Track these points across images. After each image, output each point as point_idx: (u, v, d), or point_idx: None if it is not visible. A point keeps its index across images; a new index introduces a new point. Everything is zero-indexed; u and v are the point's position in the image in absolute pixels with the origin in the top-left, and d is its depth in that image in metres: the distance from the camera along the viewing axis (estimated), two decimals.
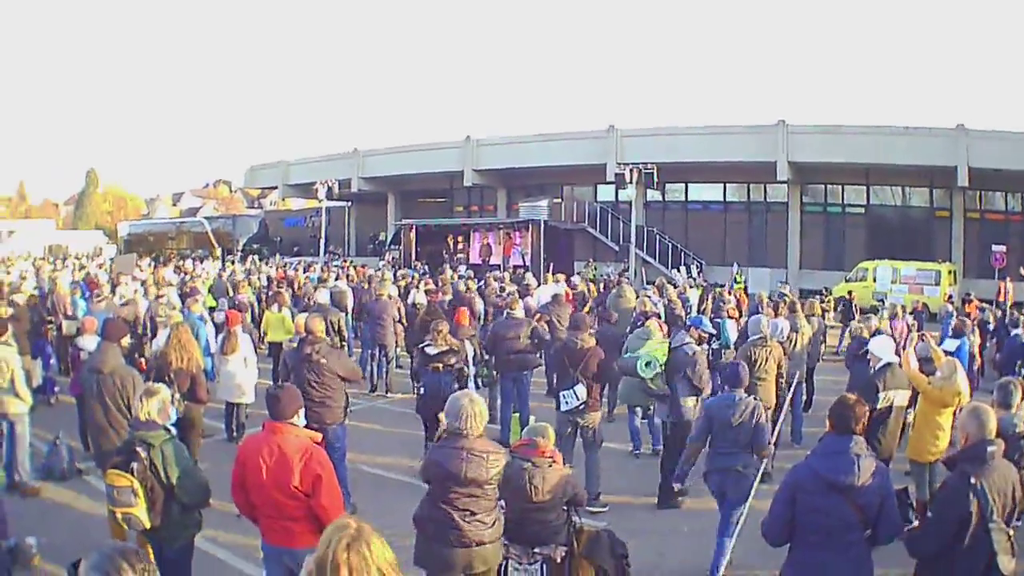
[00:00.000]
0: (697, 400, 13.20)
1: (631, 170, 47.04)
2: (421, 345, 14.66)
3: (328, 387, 12.37)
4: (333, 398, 12.45)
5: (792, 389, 15.70)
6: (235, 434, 16.33)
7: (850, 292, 35.58)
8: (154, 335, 17.21)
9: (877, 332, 16.77)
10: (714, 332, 15.95)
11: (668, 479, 12.63)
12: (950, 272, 42.21)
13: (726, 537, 10.43)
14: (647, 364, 13.71)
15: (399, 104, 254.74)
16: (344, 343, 20.80)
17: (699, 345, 13.77)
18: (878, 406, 11.43)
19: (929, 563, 7.15)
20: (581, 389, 13.00)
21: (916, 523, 11.13)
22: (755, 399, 10.83)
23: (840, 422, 7.11)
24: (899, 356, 13.04)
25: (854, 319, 28.33)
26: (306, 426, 7.67)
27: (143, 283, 28.13)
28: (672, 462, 12.82)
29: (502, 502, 8.05)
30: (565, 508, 8.54)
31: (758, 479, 10.49)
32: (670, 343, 13.84)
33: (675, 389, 13.35)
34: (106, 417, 10.58)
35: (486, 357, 17.04)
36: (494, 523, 7.75)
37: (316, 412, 11.55)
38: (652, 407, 15.35)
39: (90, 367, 11.15)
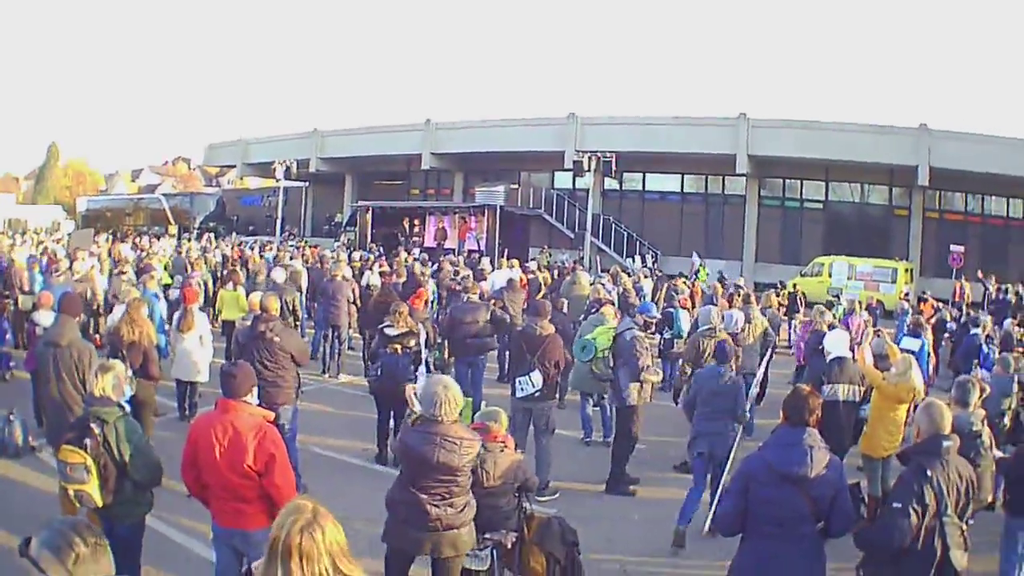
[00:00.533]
0: (640, 386, 13.34)
1: (589, 158, 47.01)
2: (380, 326, 14.57)
3: (280, 367, 12.39)
4: (285, 378, 12.46)
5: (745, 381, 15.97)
6: (187, 413, 16.23)
7: (795, 285, 35.93)
8: (110, 311, 17.18)
9: (831, 327, 16.86)
10: (659, 317, 16.04)
11: (619, 465, 12.74)
12: (907, 270, 42.61)
13: (703, 491, 11.41)
14: (582, 348, 13.98)
15: (360, 86, 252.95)
16: (298, 323, 20.82)
17: (644, 331, 13.94)
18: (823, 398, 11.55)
19: (879, 557, 7.22)
20: (537, 376, 13.03)
21: (866, 517, 11.36)
22: (738, 375, 12.35)
23: (793, 414, 7.18)
24: (854, 351, 13.23)
25: (799, 312, 28.64)
26: (258, 405, 7.68)
27: (99, 258, 28.00)
28: (619, 447, 12.98)
29: None
30: (516, 494, 8.62)
31: (738, 440, 11.51)
32: (616, 329, 14.03)
33: (618, 375, 13.54)
34: (60, 392, 10.42)
35: (439, 340, 17.09)
36: (464, 508, 7.71)
37: (268, 392, 11.41)
38: (605, 395, 15.48)
39: (46, 340, 10.99)
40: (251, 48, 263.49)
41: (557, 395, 15.67)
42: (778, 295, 27.27)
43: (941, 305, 30.19)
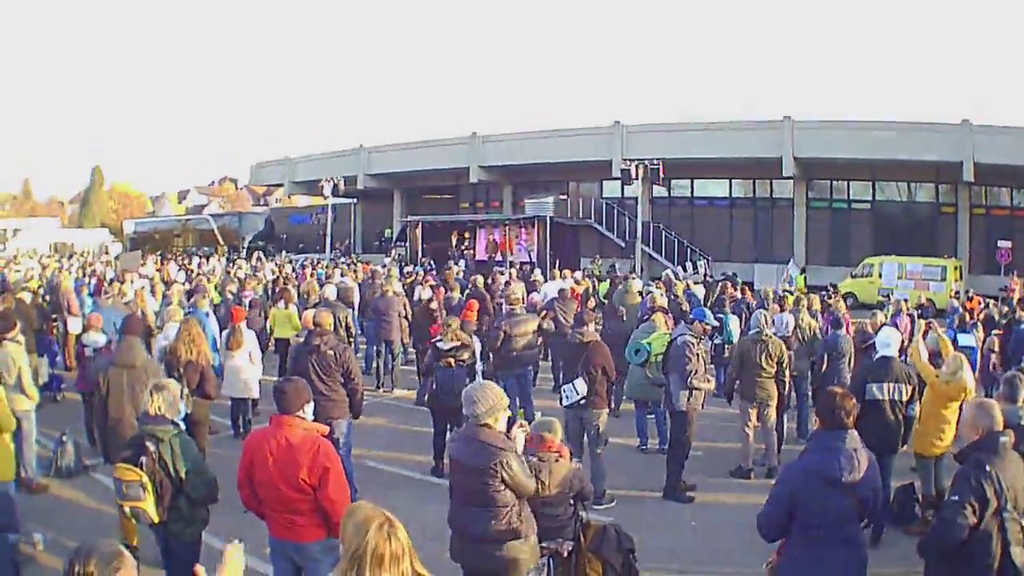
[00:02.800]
0: (691, 393, 13.04)
1: (636, 166, 46.91)
2: (433, 340, 14.64)
3: (335, 380, 12.41)
4: (339, 392, 12.47)
5: (797, 384, 16.01)
6: (242, 431, 16.32)
7: (833, 285, 35.64)
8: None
9: (883, 326, 16.71)
10: (717, 325, 15.83)
11: (674, 472, 12.63)
12: (956, 268, 41.93)
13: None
14: (636, 351, 13.89)
15: (405, 101, 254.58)
16: (351, 339, 20.74)
17: (700, 338, 13.64)
18: (867, 398, 11.41)
19: (942, 557, 7.11)
20: (581, 384, 12.95)
21: (921, 517, 11.19)
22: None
23: (830, 417, 7.10)
24: (905, 351, 13.12)
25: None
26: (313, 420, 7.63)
27: (150, 280, 28.16)
28: (674, 454, 12.88)
29: None
30: (572, 503, 8.55)
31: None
32: (671, 335, 13.90)
33: (669, 381, 13.36)
34: (133, 412, 10.24)
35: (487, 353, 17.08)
36: (506, 519, 7.50)
37: (323, 406, 11.28)
38: (660, 402, 15.38)
39: (118, 362, 11.04)
40: (294, 67, 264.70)
41: (610, 403, 15.58)
42: (830, 297, 27.12)
43: (991, 302, 29.78)
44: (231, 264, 43.73)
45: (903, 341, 16.38)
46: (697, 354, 13.10)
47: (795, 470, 7.17)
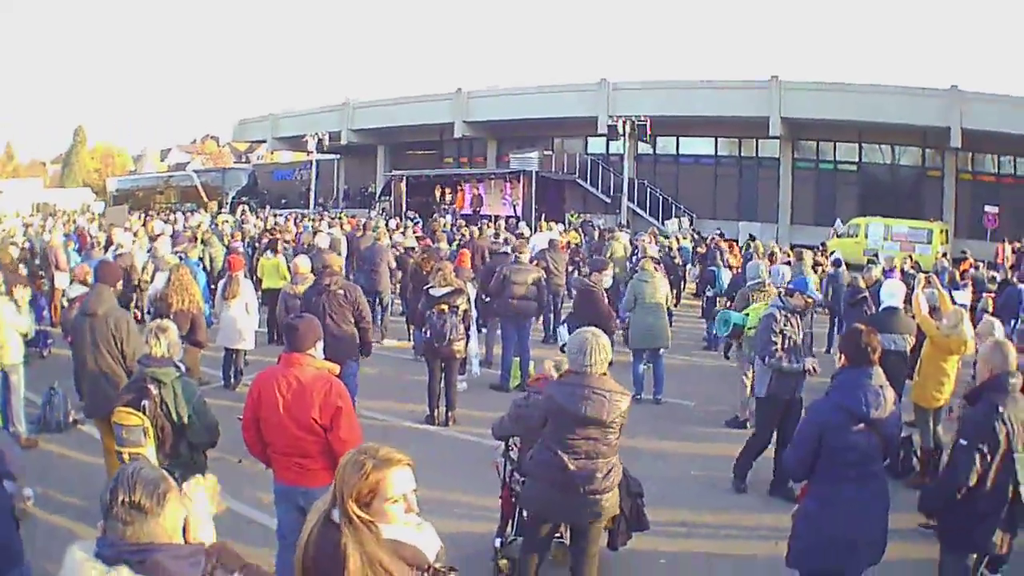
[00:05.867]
0: (774, 377, 11.38)
1: (623, 122, 46.85)
2: (425, 287, 14.58)
3: (346, 320, 12.58)
4: (351, 331, 12.66)
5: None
6: (232, 381, 16.24)
7: (822, 244, 35.77)
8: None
9: (878, 282, 16.63)
10: (819, 298, 14.78)
11: (745, 455, 11.97)
12: (942, 231, 42.24)
13: None
14: (724, 322, 13.45)
15: (389, 56, 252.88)
16: None
17: (799, 313, 11.72)
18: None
19: (948, 505, 7.07)
20: (563, 330, 12.93)
21: (919, 470, 11.13)
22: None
23: (857, 354, 7.05)
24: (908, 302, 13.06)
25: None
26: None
27: (135, 235, 28.00)
28: (751, 440, 11.87)
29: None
30: None
31: None
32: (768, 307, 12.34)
33: (754, 360, 12.37)
34: (97, 363, 10.18)
35: (486, 299, 17.06)
36: (610, 471, 7.44)
37: (334, 346, 11.26)
38: (662, 351, 15.75)
39: (82, 310, 10.71)
40: (276, 21, 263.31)
41: None
42: (817, 256, 27.33)
43: (980, 264, 29.82)
44: (214, 219, 43.49)
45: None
46: (783, 330, 11.44)
47: (823, 406, 7.10)
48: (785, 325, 11.25)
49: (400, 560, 4.00)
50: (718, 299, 20.48)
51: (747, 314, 13.38)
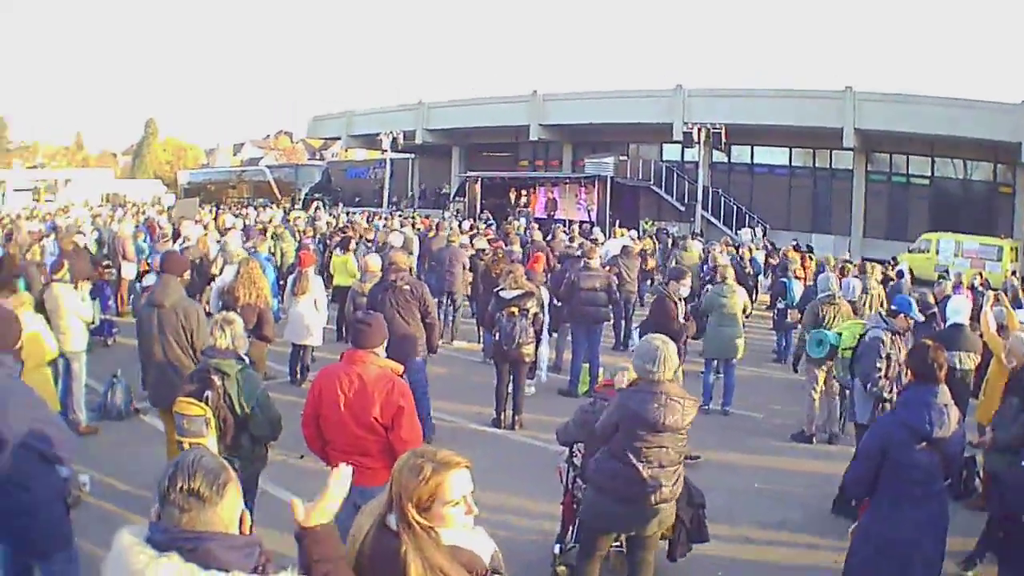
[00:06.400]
0: (879, 405, 10.92)
1: (699, 129, 46.68)
2: (496, 289, 14.49)
3: (413, 317, 12.61)
4: (417, 328, 12.68)
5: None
6: (298, 377, 16.27)
7: (894, 259, 35.50)
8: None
9: (947, 297, 16.38)
10: (923, 319, 14.43)
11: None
12: (1012, 248, 41.57)
13: None
14: (818, 343, 13.01)
15: (465, 56, 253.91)
16: None
17: (901, 334, 11.42)
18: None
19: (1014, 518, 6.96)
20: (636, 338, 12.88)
21: (980, 493, 10.90)
22: None
23: (924, 371, 6.95)
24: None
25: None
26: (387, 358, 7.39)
27: (205, 228, 28.15)
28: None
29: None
30: None
31: None
32: (864, 328, 11.95)
33: (854, 385, 11.72)
34: (165, 353, 10.18)
35: (557, 304, 16.90)
36: (677, 480, 7.41)
37: (401, 343, 11.53)
38: (734, 361, 15.64)
39: (149, 301, 10.68)
40: (353, 19, 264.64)
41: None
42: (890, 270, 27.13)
43: None
44: (287, 214, 43.71)
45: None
46: (889, 355, 10.96)
47: (887, 423, 7.06)
48: (891, 348, 10.91)
49: (460, 565, 3.94)
50: (789, 311, 20.26)
51: (840, 332, 12.75)
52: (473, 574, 4.00)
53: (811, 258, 32.84)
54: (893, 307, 11.80)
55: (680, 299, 13.13)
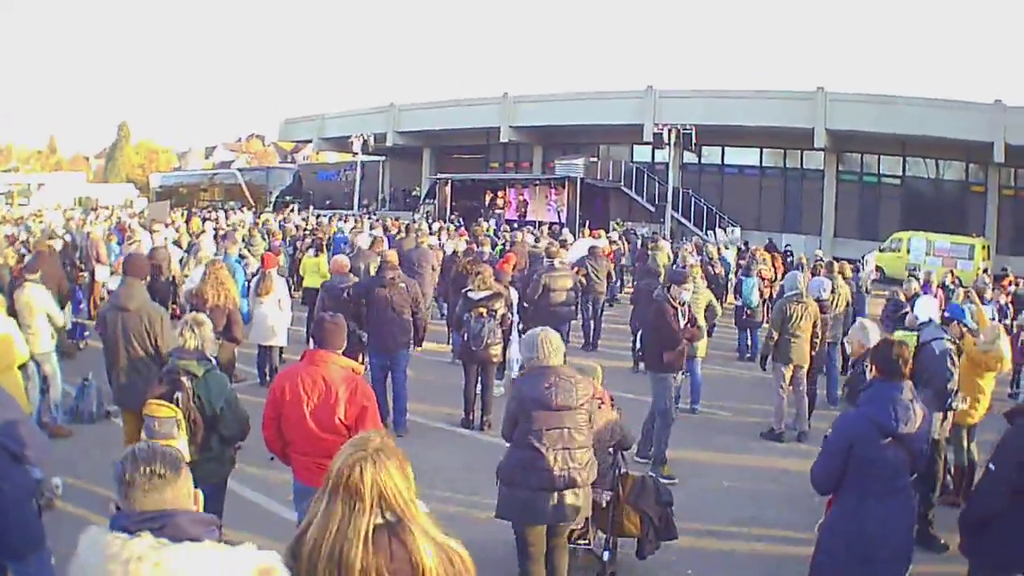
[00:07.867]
0: (945, 416, 10.47)
1: (669, 130, 46.81)
2: (464, 290, 14.57)
3: (407, 311, 13.28)
4: (408, 322, 13.35)
5: (829, 350, 16.34)
6: (268, 378, 16.19)
7: (863, 258, 35.67)
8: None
9: (916, 296, 16.50)
10: (974, 327, 14.23)
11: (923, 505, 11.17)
12: (984, 247, 42.01)
13: None
14: None
15: (436, 59, 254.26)
16: None
17: (957, 342, 11.25)
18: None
19: (980, 525, 6.98)
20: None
21: (952, 488, 10.98)
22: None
23: (887, 367, 6.97)
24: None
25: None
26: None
27: (176, 230, 28.14)
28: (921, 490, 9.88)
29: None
30: (611, 452, 8.51)
31: None
32: (919, 336, 11.28)
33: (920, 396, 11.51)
34: (129, 356, 10.17)
35: (525, 306, 16.95)
36: (588, 464, 7.45)
37: (396, 335, 13.07)
38: (698, 359, 15.61)
39: (113, 304, 10.62)
40: (324, 22, 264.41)
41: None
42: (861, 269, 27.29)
43: (1021, 280, 29.60)
44: (258, 217, 43.73)
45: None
46: (956, 365, 10.64)
47: (852, 419, 7.03)
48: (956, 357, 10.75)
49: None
50: (746, 310, 20.98)
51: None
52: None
53: (788, 256, 33.15)
54: (946, 315, 11.94)
55: (681, 304, 12.76)
